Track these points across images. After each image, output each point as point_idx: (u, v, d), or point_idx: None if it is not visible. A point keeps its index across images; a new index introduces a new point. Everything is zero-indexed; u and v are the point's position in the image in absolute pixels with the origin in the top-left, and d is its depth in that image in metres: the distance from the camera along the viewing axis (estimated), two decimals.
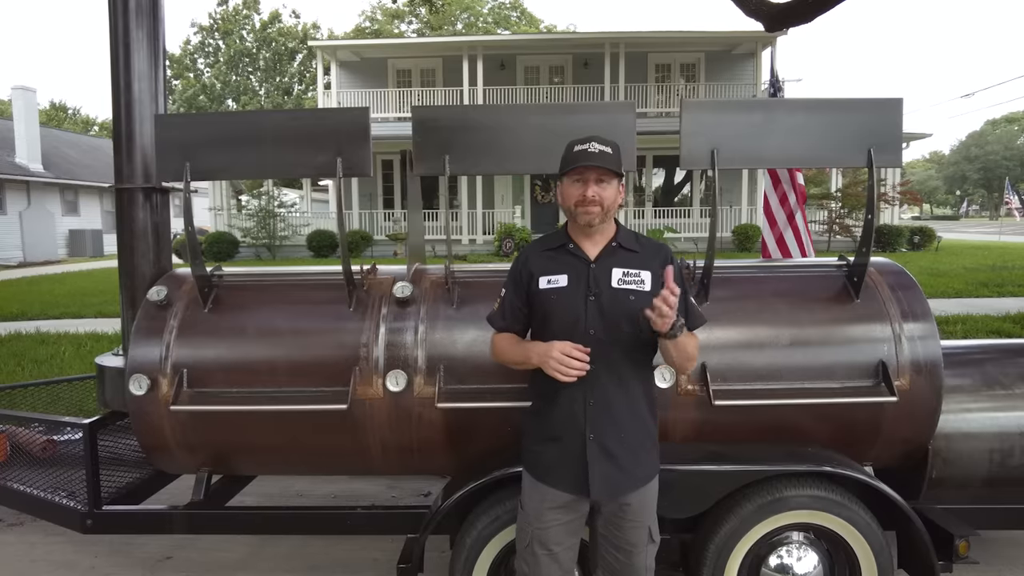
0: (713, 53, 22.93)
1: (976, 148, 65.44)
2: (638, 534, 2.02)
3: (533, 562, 2.01)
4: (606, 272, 1.99)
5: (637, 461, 2.00)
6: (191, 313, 2.76)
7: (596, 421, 1.96)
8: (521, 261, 2.11)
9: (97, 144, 31.68)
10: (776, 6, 7.33)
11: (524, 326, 2.10)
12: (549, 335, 1.98)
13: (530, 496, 2.05)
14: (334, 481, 4.11)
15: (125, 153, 3.01)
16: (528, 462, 2.08)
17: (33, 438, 3.41)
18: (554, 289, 2.00)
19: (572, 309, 1.97)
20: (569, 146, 2.00)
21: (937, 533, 2.48)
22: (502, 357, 2.12)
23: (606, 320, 1.96)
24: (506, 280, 2.14)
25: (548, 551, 2.00)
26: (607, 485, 1.96)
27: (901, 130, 2.63)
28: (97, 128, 48.88)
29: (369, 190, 21.92)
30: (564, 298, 1.99)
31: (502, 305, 2.11)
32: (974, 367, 2.86)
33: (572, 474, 1.97)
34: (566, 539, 2.02)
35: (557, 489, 1.99)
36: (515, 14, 44.30)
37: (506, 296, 2.11)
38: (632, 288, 1.98)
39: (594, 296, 1.97)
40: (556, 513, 2.00)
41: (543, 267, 2.04)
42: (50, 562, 3.29)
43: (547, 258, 2.06)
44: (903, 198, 21.04)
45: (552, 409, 2.00)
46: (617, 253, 2.03)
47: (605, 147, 1.95)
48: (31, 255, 22.74)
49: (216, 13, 42.01)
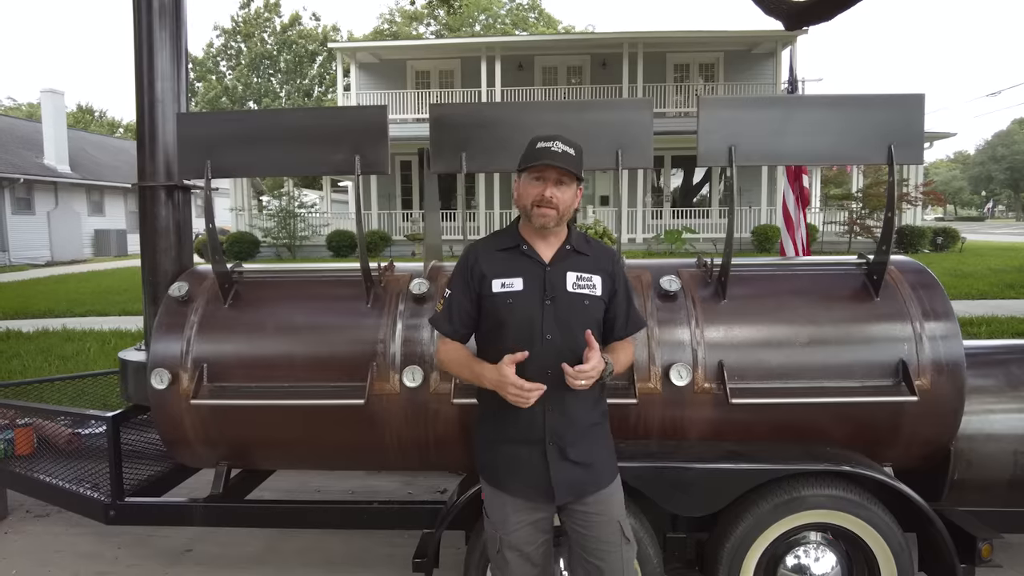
0: (732, 53, 22.73)
1: (1003, 148, 64.15)
2: (608, 530, 1.95)
3: (504, 565, 1.97)
4: (561, 276, 1.94)
5: (600, 461, 1.97)
6: (211, 309, 2.80)
7: (554, 427, 1.92)
8: (471, 260, 2.01)
9: (122, 146, 32.23)
10: (796, 4, 7.25)
11: (471, 331, 2.03)
12: (504, 340, 1.91)
13: (493, 504, 2.00)
14: (351, 477, 4.14)
15: (148, 151, 3.07)
16: (486, 470, 2.02)
17: (59, 431, 3.49)
18: (510, 293, 1.92)
19: (528, 314, 1.91)
20: (532, 142, 1.93)
21: (959, 536, 2.44)
22: (450, 369, 2.04)
23: (561, 325, 1.91)
24: (451, 279, 2.04)
25: (519, 552, 1.95)
26: (571, 488, 1.93)
27: (923, 126, 2.59)
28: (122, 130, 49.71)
29: (388, 190, 22.05)
30: (520, 302, 1.92)
31: (448, 307, 2.00)
32: (998, 367, 2.81)
33: (535, 480, 1.93)
34: (536, 537, 1.97)
35: (519, 497, 1.95)
36: (533, 15, 44.31)
37: (453, 297, 2.00)
38: (585, 292, 1.94)
39: (550, 300, 1.92)
40: (522, 515, 1.95)
41: (495, 269, 1.96)
42: (75, 552, 3.35)
43: (499, 259, 1.98)
44: (926, 199, 20.69)
45: (506, 417, 1.94)
46: (570, 256, 1.98)
47: (568, 148, 1.89)
48: (58, 254, 23.20)
49: (238, 16, 42.55)
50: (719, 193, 21.95)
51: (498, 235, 2.07)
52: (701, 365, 2.55)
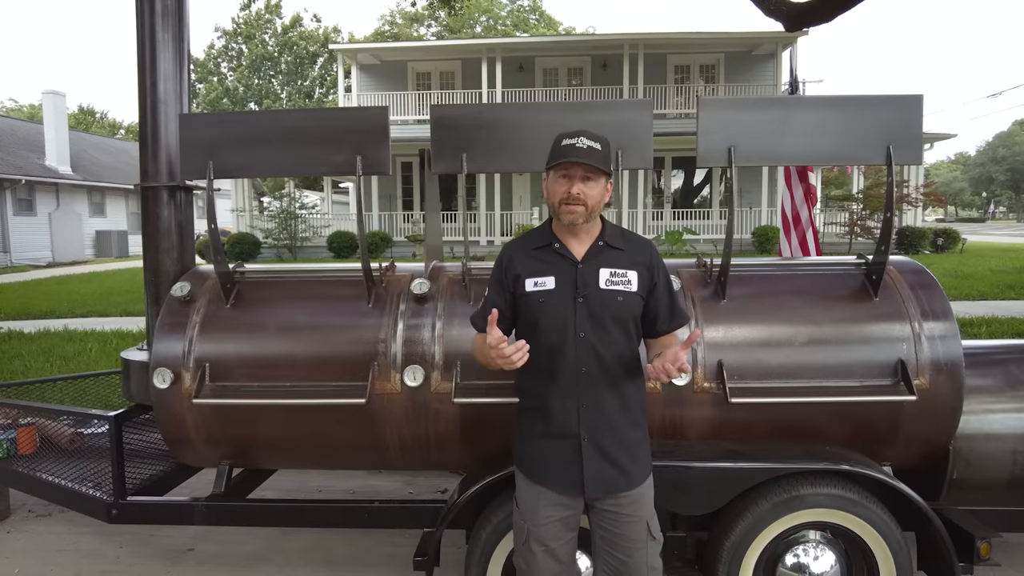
0: (733, 54, 22.75)
1: (1004, 149, 64.13)
2: (636, 529, 1.98)
3: (531, 558, 1.99)
4: (594, 272, 1.95)
5: (632, 460, 1.98)
6: (213, 309, 2.82)
7: (589, 422, 1.94)
8: (505, 261, 2.04)
9: (123, 147, 32.28)
10: (796, 5, 7.26)
11: (508, 327, 2.04)
12: (538, 338, 1.94)
13: (524, 495, 2.03)
14: (352, 477, 4.16)
15: (150, 152, 3.08)
16: (521, 461, 2.06)
17: (61, 431, 3.50)
18: (542, 292, 1.94)
19: (561, 312, 1.93)
20: (557, 139, 1.93)
21: (958, 535, 2.45)
22: (478, 360, 2.08)
23: (595, 322, 1.92)
24: (490, 279, 2.08)
25: (545, 547, 1.98)
26: (602, 484, 1.95)
27: (921, 127, 2.60)
28: (124, 132, 49.77)
29: (388, 192, 22.07)
30: (552, 301, 1.93)
31: (485, 306, 2.04)
32: (997, 367, 2.82)
33: (567, 474, 1.95)
34: (563, 534, 2.00)
35: (552, 490, 1.97)
36: (534, 16, 44.33)
37: (489, 297, 2.05)
38: (620, 289, 1.94)
39: (583, 298, 1.93)
40: (552, 510, 1.98)
41: (529, 268, 1.98)
42: (77, 551, 3.37)
43: (532, 258, 2.00)
44: (927, 200, 20.69)
45: (544, 410, 1.98)
46: (604, 252, 1.98)
47: (594, 143, 1.88)
48: (60, 255, 23.24)
49: (239, 18, 42.60)
50: (719, 194, 21.96)
51: (532, 234, 2.08)
52: (701, 364, 2.56)
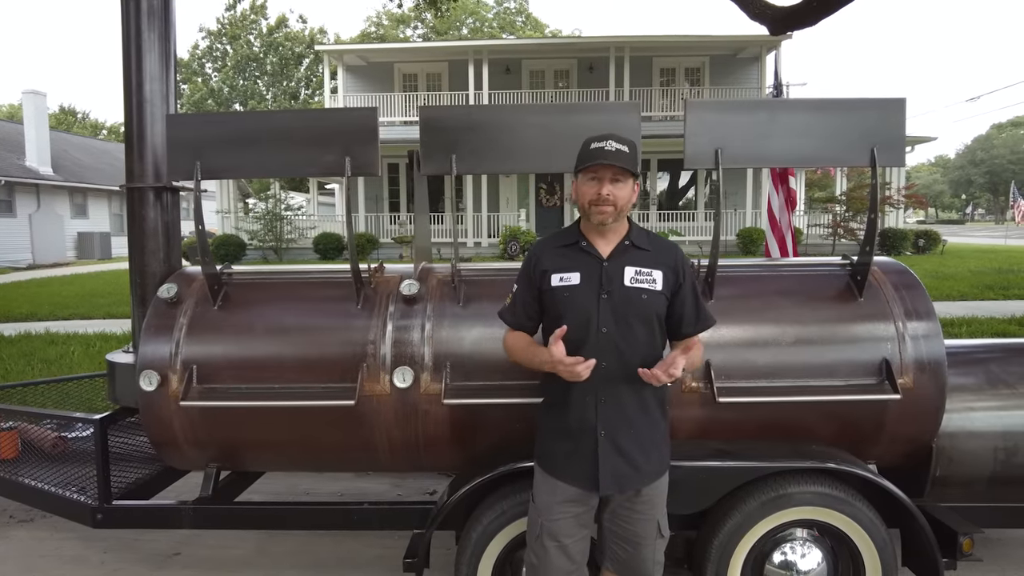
0: (718, 57, 22.94)
1: (982, 152, 65.17)
2: (646, 527, 2.04)
3: (543, 554, 2.03)
4: (619, 270, 2.01)
5: (647, 457, 2.02)
6: (201, 310, 2.80)
7: (607, 418, 1.98)
8: (534, 257, 2.11)
9: (105, 148, 31.89)
10: (780, 9, 7.35)
11: (536, 322, 2.12)
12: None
13: (541, 489, 2.08)
14: (340, 479, 4.14)
15: (136, 153, 3.05)
16: (541, 456, 2.11)
17: (44, 435, 3.45)
18: (567, 287, 2.00)
19: (584, 307, 1.99)
20: (586, 143, 2.00)
21: (941, 531, 2.49)
22: (511, 355, 2.14)
23: (618, 318, 1.97)
24: (518, 276, 2.15)
25: (558, 543, 2.02)
26: (617, 480, 1.99)
27: (904, 129, 2.65)
28: (106, 132, 49.20)
29: (375, 193, 21.99)
30: (576, 296, 1.99)
31: (513, 301, 2.12)
32: (979, 366, 2.87)
33: (583, 469, 2.00)
34: (576, 531, 2.04)
35: (567, 484, 2.01)
36: (520, 19, 44.43)
37: (517, 292, 2.12)
38: (644, 287, 1.99)
39: (607, 294, 1.98)
40: (566, 506, 2.02)
41: (555, 264, 2.05)
42: (60, 557, 3.32)
43: (559, 255, 2.07)
44: (908, 201, 20.98)
45: (565, 406, 2.03)
46: (629, 251, 2.04)
47: (622, 145, 1.95)
48: (40, 257, 22.89)
49: (224, 18, 42.27)
50: (705, 196, 22.11)
51: (561, 233, 2.15)
52: None
